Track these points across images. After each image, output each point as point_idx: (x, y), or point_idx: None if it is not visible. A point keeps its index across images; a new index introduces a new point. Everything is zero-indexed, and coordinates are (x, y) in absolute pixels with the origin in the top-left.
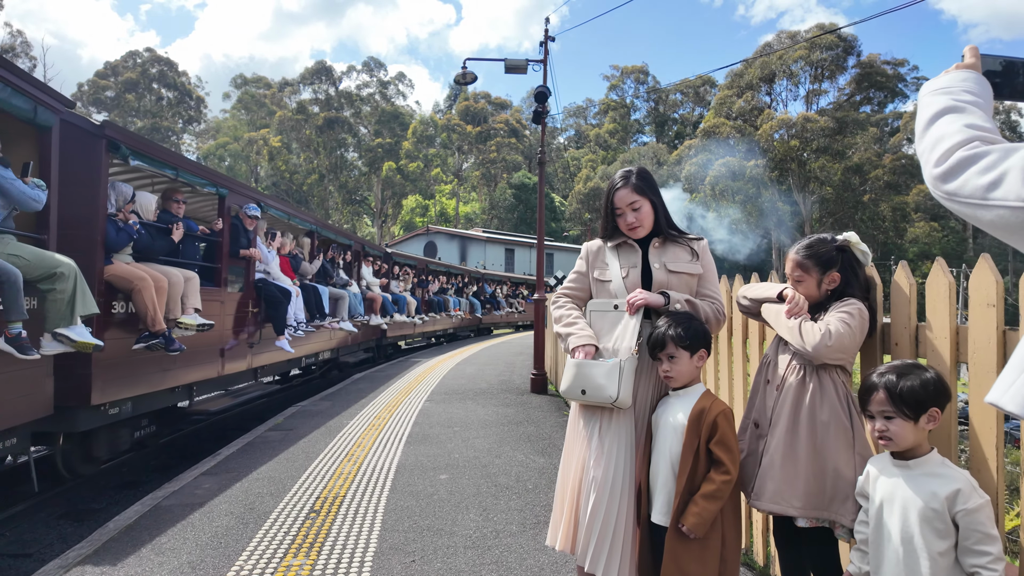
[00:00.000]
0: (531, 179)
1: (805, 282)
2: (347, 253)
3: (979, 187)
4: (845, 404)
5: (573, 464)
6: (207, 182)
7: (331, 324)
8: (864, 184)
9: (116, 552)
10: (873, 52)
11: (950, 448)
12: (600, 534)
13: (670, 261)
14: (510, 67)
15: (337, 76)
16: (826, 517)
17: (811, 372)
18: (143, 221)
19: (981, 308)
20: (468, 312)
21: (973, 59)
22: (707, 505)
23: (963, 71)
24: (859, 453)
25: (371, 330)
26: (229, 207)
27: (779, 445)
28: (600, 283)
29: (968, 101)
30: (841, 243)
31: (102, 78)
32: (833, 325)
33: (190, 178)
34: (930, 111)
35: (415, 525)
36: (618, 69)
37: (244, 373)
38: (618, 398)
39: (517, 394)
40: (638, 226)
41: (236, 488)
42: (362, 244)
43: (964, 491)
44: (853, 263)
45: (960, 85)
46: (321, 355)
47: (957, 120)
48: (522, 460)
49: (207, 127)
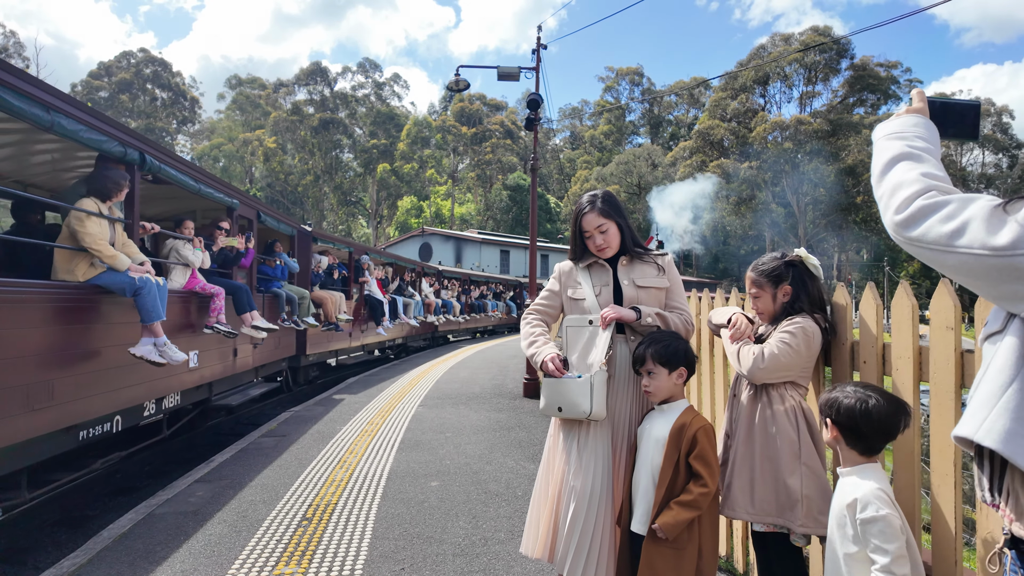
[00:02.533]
0: (526, 180)
1: (762, 297)
2: (412, 273)
3: (943, 235)
4: (792, 417)
5: (553, 475)
6: (285, 224)
7: (403, 321)
8: (857, 186)
9: (110, 560)
10: (866, 55)
11: (913, 464)
12: (579, 543)
13: (638, 277)
14: (503, 75)
15: (332, 77)
16: (777, 523)
17: (761, 388)
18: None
19: (941, 331)
20: (505, 313)
21: (920, 103)
22: (682, 511)
23: (913, 115)
24: (804, 463)
25: (428, 325)
26: (359, 259)
27: (736, 455)
28: (574, 301)
29: (921, 148)
30: (791, 258)
31: (96, 78)
32: (768, 348)
33: (273, 222)
34: (886, 156)
35: (405, 533)
36: (613, 71)
37: (359, 347)
38: (591, 412)
39: (510, 399)
40: (606, 247)
41: (229, 495)
42: (421, 266)
43: (861, 500)
44: (804, 276)
45: (912, 131)
46: (397, 340)
47: (914, 168)
48: (512, 466)
49: (201, 128)
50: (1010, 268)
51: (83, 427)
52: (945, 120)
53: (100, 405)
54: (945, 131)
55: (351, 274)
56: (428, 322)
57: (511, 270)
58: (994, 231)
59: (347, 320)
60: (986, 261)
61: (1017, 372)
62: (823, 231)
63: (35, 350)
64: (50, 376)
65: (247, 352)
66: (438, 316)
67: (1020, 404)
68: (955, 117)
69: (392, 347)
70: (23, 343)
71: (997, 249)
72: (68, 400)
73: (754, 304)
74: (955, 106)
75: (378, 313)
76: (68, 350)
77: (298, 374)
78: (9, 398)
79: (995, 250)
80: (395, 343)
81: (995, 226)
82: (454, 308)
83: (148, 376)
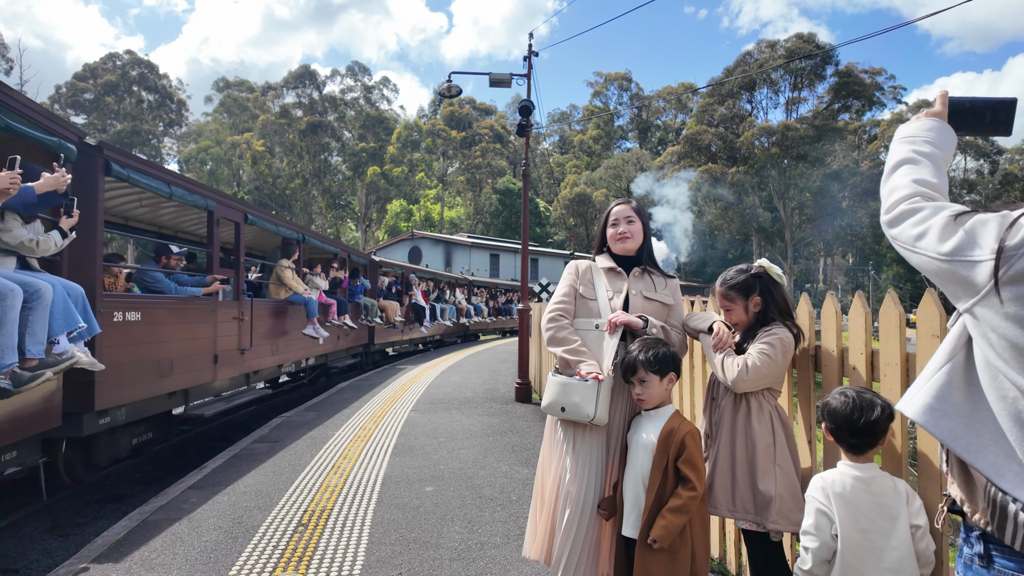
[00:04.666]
0: (516, 184)
1: (734, 310)
2: (447, 284)
3: (911, 236)
4: (769, 421)
5: (549, 479)
6: (362, 258)
7: (440, 322)
8: (843, 191)
9: (106, 568)
10: (851, 61)
11: (900, 464)
12: (572, 546)
13: (646, 289)
14: (494, 81)
15: (321, 80)
16: (754, 520)
17: (740, 394)
18: (383, 288)
19: (927, 338)
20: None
21: (941, 107)
22: (673, 518)
23: (929, 119)
24: (778, 464)
25: (460, 326)
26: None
27: (718, 456)
28: (584, 299)
29: (925, 153)
30: (756, 270)
31: (81, 80)
32: (751, 359)
33: (357, 259)
34: (894, 159)
35: (402, 538)
36: (602, 76)
37: (408, 340)
38: (595, 416)
39: (501, 403)
40: (629, 238)
41: (224, 502)
42: (455, 278)
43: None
44: (770, 286)
45: (923, 135)
46: (436, 336)
47: (909, 174)
48: (506, 471)
49: (189, 131)
50: (950, 271)
51: (277, 369)
52: (971, 119)
53: (291, 356)
54: (973, 129)
55: (403, 288)
56: (460, 323)
57: (500, 274)
58: (944, 239)
59: (400, 321)
60: (935, 263)
61: (949, 359)
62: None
63: (269, 330)
64: (276, 341)
65: (343, 338)
66: (469, 318)
67: (944, 385)
68: (980, 116)
69: (432, 342)
70: (267, 327)
71: (942, 254)
72: (282, 352)
73: (727, 317)
74: (980, 105)
75: (421, 316)
76: (278, 329)
77: (368, 356)
78: (263, 351)
79: (941, 255)
80: (434, 338)
81: (947, 234)
82: (483, 311)
83: (305, 346)
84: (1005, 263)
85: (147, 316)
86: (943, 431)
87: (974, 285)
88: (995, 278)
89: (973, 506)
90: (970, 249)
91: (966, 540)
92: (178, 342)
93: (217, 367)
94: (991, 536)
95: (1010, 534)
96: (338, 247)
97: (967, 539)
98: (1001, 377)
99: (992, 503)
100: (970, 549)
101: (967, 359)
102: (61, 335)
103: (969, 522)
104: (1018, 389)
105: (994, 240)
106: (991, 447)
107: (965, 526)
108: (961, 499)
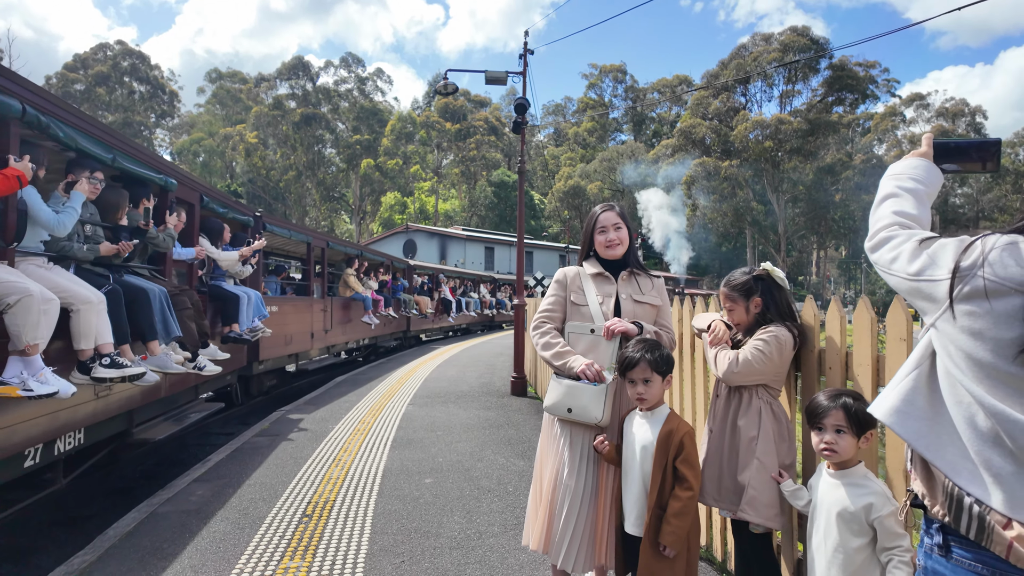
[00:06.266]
0: (511, 177)
1: (735, 310)
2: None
3: (887, 260)
4: (756, 416)
5: (547, 472)
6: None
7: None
8: (836, 184)
9: (119, 557)
10: (845, 55)
11: (874, 461)
12: (571, 536)
13: (635, 292)
14: (490, 79)
15: (315, 72)
16: (735, 511)
17: (734, 389)
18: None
19: (895, 342)
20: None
21: (926, 147)
22: (679, 523)
23: (915, 159)
24: (758, 458)
25: (485, 317)
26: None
27: (711, 449)
28: (576, 306)
29: (908, 188)
30: (759, 272)
31: (71, 71)
32: (743, 354)
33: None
34: (880, 193)
35: (403, 528)
36: (596, 67)
37: (439, 328)
38: (602, 418)
39: (497, 397)
40: (618, 243)
41: (229, 494)
42: (480, 276)
43: (876, 503)
44: (772, 288)
45: (908, 172)
46: (462, 325)
47: (892, 206)
48: (503, 463)
49: (181, 122)
50: (916, 289)
51: (345, 345)
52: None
53: (354, 336)
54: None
55: (434, 285)
56: (485, 314)
57: (495, 267)
58: (912, 260)
59: (431, 312)
60: (905, 283)
61: (916, 367)
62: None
63: (341, 318)
64: (344, 326)
65: (388, 325)
66: (493, 310)
67: (910, 390)
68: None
69: (459, 330)
70: (339, 316)
71: (910, 274)
72: (348, 333)
73: (729, 317)
74: (965, 145)
75: (448, 308)
76: (345, 317)
77: (407, 339)
78: (337, 332)
79: (909, 275)
80: (461, 327)
81: (914, 257)
82: (506, 304)
83: (363, 330)
84: (960, 282)
85: (280, 308)
86: (908, 432)
87: (936, 301)
88: (950, 295)
89: (933, 500)
90: (932, 269)
91: (927, 531)
92: (294, 324)
93: (313, 341)
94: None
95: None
96: (383, 257)
97: (928, 531)
98: (958, 385)
99: (950, 497)
100: (931, 539)
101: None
102: (257, 318)
103: (930, 515)
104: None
105: (951, 261)
106: (949, 447)
107: (926, 519)
108: (923, 494)
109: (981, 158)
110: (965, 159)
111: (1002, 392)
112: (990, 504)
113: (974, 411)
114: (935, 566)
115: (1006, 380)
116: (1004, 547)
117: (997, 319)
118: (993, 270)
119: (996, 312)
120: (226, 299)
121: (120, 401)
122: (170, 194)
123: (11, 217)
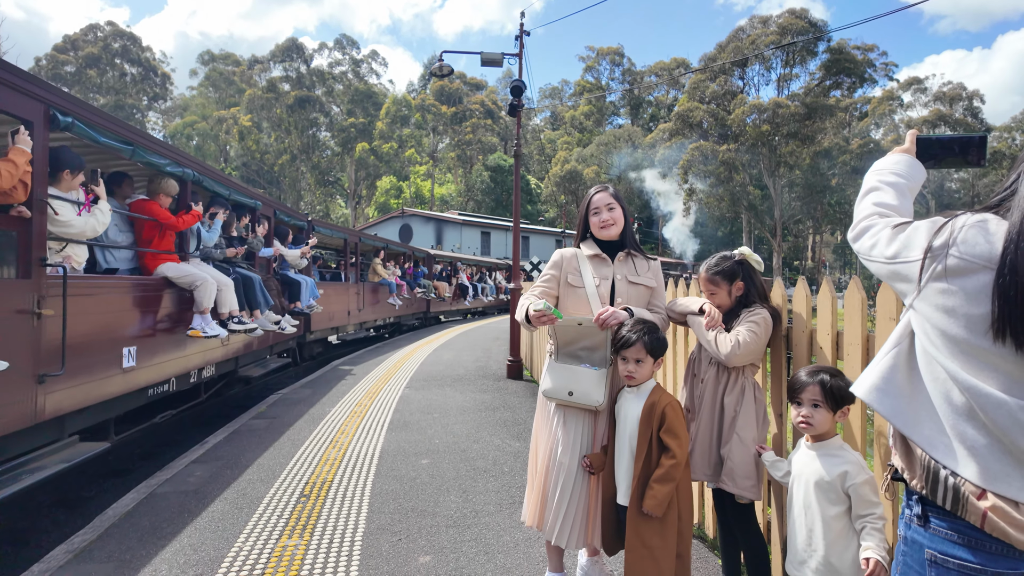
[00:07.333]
0: (507, 161)
1: (718, 294)
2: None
3: (867, 247)
4: (739, 393)
5: (541, 451)
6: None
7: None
8: (832, 168)
9: (119, 536)
10: (843, 38)
11: (858, 446)
12: (565, 513)
13: (630, 274)
14: (486, 61)
15: (309, 54)
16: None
17: (723, 368)
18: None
19: (884, 321)
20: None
21: (910, 144)
22: (661, 488)
23: (898, 155)
24: (737, 433)
25: (500, 301)
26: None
27: (699, 426)
28: (572, 287)
29: (889, 182)
30: (739, 257)
31: (61, 52)
32: (742, 336)
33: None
34: (864, 187)
35: (400, 507)
36: (594, 50)
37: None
38: (602, 402)
39: (493, 380)
40: (612, 224)
41: (227, 475)
42: (496, 262)
43: (851, 471)
44: (751, 272)
45: (891, 167)
46: (478, 308)
47: (874, 198)
48: (499, 444)
49: (174, 105)
50: (894, 272)
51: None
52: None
53: (382, 315)
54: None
55: (451, 272)
56: (500, 298)
57: (492, 252)
58: (888, 245)
59: (449, 296)
60: (884, 267)
61: (895, 346)
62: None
63: (370, 299)
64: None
65: (410, 307)
66: (507, 295)
67: (889, 368)
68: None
69: (476, 312)
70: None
71: (887, 258)
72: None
73: (711, 300)
74: (948, 140)
75: (465, 293)
76: (374, 299)
77: (427, 320)
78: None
79: (886, 258)
80: (477, 309)
81: (891, 241)
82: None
83: (388, 310)
84: (932, 261)
85: (324, 292)
86: (886, 408)
87: (912, 282)
88: (922, 274)
89: (912, 474)
90: (908, 251)
91: (907, 503)
92: (335, 304)
93: (349, 317)
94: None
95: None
96: (406, 248)
97: (907, 503)
98: (934, 361)
99: (927, 470)
100: (910, 511)
101: (910, 347)
102: (311, 298)
103: (909, 488)
104: (947, 372)
105: (924, 242)
106: (927, 423)
107: (907, 491)
108: (902, 468)
109: (964, 153)
110: (948, 153)
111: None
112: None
113: (949, 387)
114: (914, 535)
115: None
116: (979, 516)
117: (968, 296)
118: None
119: (967, 289)
120: (292, 284)
121: (234, 349)
122: (257, 211)
123: (188, 238)
